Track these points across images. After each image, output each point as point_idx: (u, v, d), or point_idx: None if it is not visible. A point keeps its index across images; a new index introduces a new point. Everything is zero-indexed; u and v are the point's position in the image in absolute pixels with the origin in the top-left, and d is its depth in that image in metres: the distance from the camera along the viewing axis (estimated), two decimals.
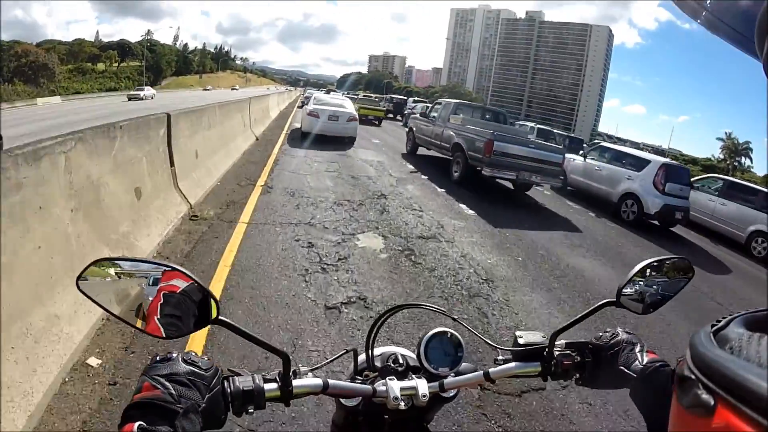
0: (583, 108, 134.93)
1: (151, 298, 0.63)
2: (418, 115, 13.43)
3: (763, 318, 0.46)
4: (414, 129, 13.32)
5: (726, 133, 72.05)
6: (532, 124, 15.12)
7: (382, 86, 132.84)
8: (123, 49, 77.60)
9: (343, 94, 45.57)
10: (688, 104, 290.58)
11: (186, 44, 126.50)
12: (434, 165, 11.62)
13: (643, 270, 0.80)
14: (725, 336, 0.42)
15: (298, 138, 13.32)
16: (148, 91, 50.31)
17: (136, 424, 0.51)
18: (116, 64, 78.61)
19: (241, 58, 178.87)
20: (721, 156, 76.66)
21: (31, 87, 52.30)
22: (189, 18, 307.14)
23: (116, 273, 0.65)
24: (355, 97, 36.47)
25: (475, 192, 9.09)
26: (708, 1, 0.50)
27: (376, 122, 25.69)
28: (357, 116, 14.42)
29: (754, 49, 0.44)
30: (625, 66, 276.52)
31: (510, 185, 10.38)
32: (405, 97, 41.02)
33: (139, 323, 0.64)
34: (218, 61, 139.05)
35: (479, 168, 9.40)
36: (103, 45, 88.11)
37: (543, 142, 10.46)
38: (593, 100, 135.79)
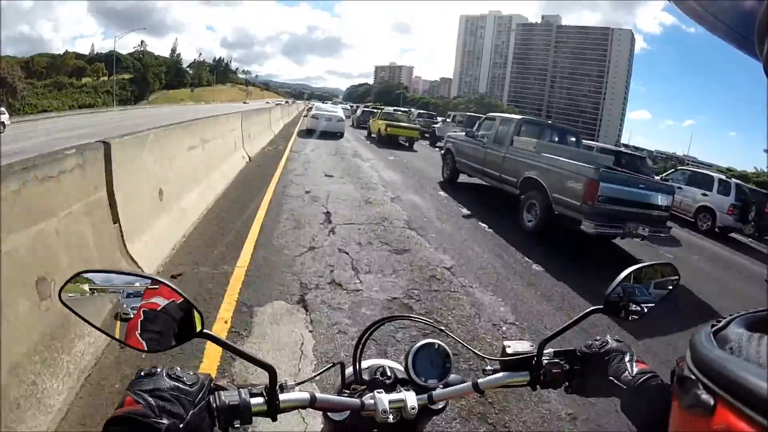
0: (606, 117, 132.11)
1: (134, 311, 0.65)
2: (461, 134, 10.59)
3: (763, 318, 0.46)
4: (453, 151, 10.50)
5: None
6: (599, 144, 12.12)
7: (393, 97, 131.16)
8: (112, 61, 75.66)
9: (355, 107, 42.09)
10: (692, 108, 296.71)
11: (179, 54, 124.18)
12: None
13: (629, 277, 0.83)
14: (725, 336, 0.43)
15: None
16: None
17: None
18: (105, 78, 76.73)
19: (243, 71, 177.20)
20: None
21: None
22: (194, 33, 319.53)
23: (100, 285, 0.67)
24: (374, 111, 27.59)
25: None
26: (708, 2, 0.50)
27: (407, 144, 20.28)
28: (344, 118, 21.53)
29: (754, 49, 0.45)
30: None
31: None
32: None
33: (121, 335, 0.65)
34: (215, 73, 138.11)
35: (570, 216, 6.67)
36: (90, 57, 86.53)
37: (650, 179, 7.51)
38: (617, 108, 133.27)
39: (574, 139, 9.49)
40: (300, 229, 5.60)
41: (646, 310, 0.84)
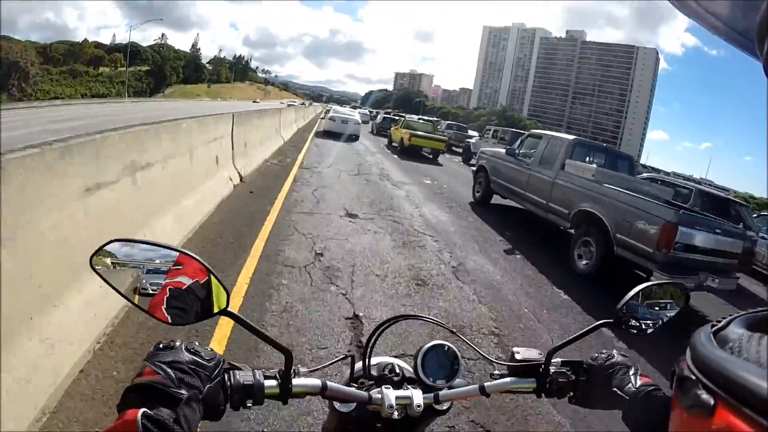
0: (626, 137, 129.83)
1: (161, 283, 0.64)
2: (498, 150, 9.56)
3: (763, 318, 0.46)
4: (488, 169, 9.42)
5: None
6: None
7: (412, 105, 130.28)
8: (131, 52, 75.64)
9: (375, 113, 41.69)
10: (709, 131, 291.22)
11: (199, 49, 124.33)
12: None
13: (641, 293, 0.83)
14: (725, 336, 0.43)
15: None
16: None
17: (140, 411, 0.50)
18: (122, 68, 76.56)
19: (263, 70, 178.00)
20: None
21: None
22: (217, 30, 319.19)
23: (131, 255, 0.67)
24: (396, 119, 26.96)
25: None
26: (708, 2, 0.50)
27: (431, 156, 18.84)
28: (360, 122, 23.35)
29: (754, 49, 0.45)
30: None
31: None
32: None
33: (147, 307, 0.64)
34: (234, 70, 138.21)
35: (636, 262, 5.68)
36: (110, 47, 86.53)
37: (725, 223, 6.28)
38: (638, 128, 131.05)
39: (629, 166, 8.31)
40: None
41: (652, 328, 0.84)
